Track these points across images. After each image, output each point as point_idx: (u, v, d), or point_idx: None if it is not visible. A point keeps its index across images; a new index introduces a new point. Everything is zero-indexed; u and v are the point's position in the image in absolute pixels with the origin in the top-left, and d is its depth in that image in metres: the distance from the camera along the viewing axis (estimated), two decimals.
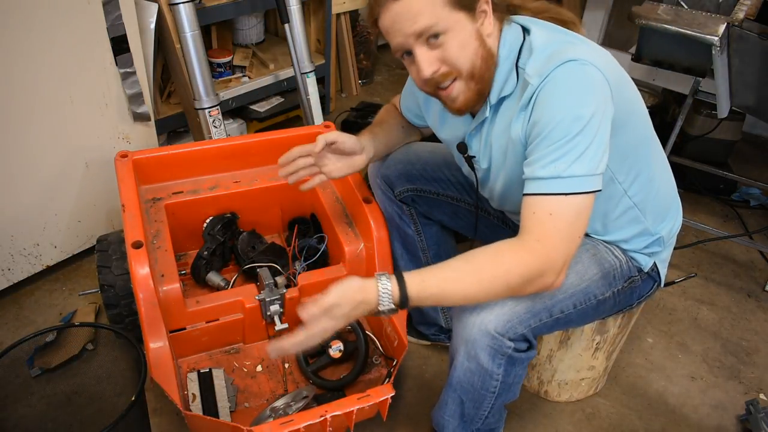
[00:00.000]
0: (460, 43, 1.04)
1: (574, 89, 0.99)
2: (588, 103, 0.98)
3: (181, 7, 1.84)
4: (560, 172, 0.98)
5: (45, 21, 1.49)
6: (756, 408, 1.52)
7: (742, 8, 1.78)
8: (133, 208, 1.42)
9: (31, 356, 1.30)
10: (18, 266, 1.71)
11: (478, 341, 1.09)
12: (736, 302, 1.97)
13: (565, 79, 1.00)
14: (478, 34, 1.05)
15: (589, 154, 0.98)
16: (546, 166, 0.99)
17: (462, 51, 1.04)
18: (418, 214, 1.49)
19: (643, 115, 1.15)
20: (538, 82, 1.01)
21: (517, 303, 1.09)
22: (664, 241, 1.26)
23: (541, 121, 1.00)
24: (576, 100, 0.98)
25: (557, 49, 1.02)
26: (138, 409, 1.19)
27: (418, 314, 1.63)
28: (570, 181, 0.98)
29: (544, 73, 1.01)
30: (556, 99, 1.00)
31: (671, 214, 1.28)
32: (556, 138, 0.98)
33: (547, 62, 1.01)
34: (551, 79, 1.00)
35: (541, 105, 1.01)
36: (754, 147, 2.80)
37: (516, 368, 1.14)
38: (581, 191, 0.98)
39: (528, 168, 1.02)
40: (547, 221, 0.99)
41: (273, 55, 2.48)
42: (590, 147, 0.98)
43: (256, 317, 1.49)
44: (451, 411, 1.24)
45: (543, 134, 1.00)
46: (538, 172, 1.00)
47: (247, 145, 1.70)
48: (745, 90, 1.82)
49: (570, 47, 1.02)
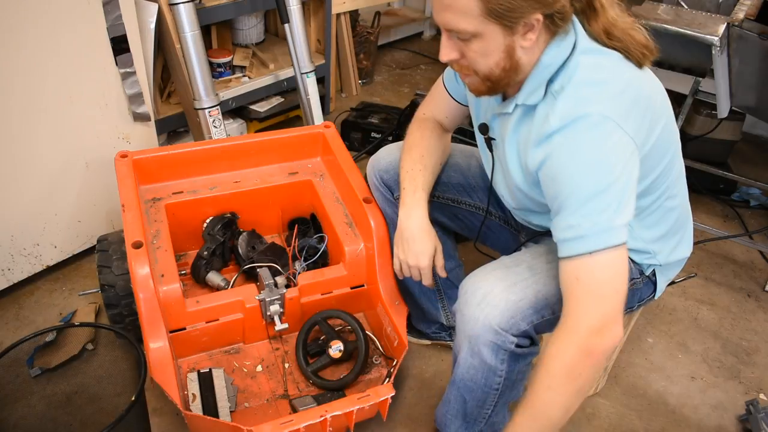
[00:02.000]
0: (484, 50, 1.02)
1: (591, 157, 0.98)
2: (605, 171, 0.97)
3: (181, 7, 1.84)
4: (581, 232, 0.98)
5: (45, 21, 1.49)
6: (756, 408, 1.52)
7: (742, 8, 1.78)
8: (133, 208, 1.43)
9: (31, 356, 1.30)
10: (18, 266, 1.71)
11: (481, 337, 1.09)
12: (736, 302, 1.97)
13: (584, 143, 0.98)
14: (509, 48, 1.02)
15: (613, 208, 0.97)
16: (566, 229, 1.00)
17: (483, 58, 1.03)
18: None
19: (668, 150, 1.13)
20: (558, 125, 1.00)
21: (521, 299, 1.09)
22: (663, 265, 1.26)
23: (560, 177, 1.00)
24: (595, 168, 0.97)
25: (586, 94, 1.00)
26: (138, 409, 1.19)
27: (419, 312, 1.63)
28: (590, 240, 0.97)
29: (565, 118, 0.99)
30: (574, 165, 0.99)
31: (674, 239, 1.27)
32: (575, 203, 0.98)
33: (573, 107, 0.99)
34: (570, 134, 0.99)
35: (559, 162, 1.00)
36: (754, 147, 2.80)
37: (519, 364, 1.14)
38: (603, 247, 0.97)
39: (553, 231, 1.03)
40: (575, 287, 1.00)
41: (273, 55, 2.48)
42: (614, 203, 0.97)
43: (256, 317, 1.49)
44: (454, 410, 1.24)
45: (561, 198, 1.00)
46: (558, 235, 1.01)
47: (247, 145, 1.70)
48: (745, 90, 1.82)
49: (600, 90, 1.00)
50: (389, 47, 3.46)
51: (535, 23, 0.99)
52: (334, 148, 1.69)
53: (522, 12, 0.96)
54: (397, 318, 1.46)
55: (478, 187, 1.44)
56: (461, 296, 1.14)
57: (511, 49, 1.02)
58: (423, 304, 1.60)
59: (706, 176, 2.33)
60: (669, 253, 1.26)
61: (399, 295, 1.51)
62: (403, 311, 1.49)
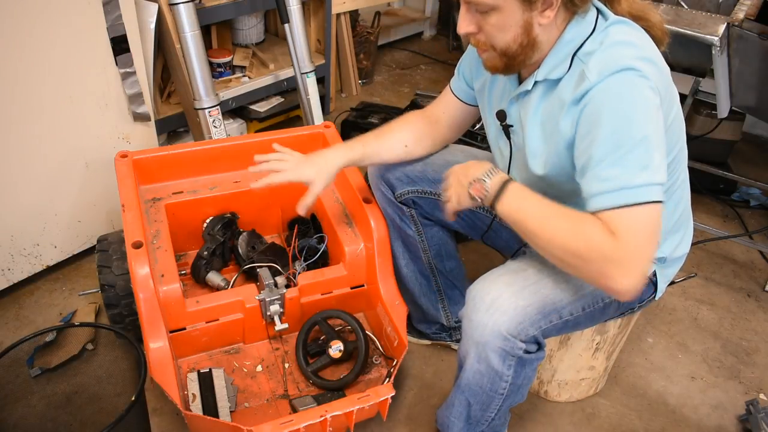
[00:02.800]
0: (502, 25, 1.02)
1: (629, 108, 0.97)
2: (644, 121, 0.96)
3: (181, 7, 1.84)
4: (624, 183, 0.95)
5: (45, 21, 1.49)
6: (756, 408, 1.52)
7: (742, 8, 1.78)
8: (133, 208, 1.42)
9: (31, 356, 1.30)
10: (18, 266, 1.71)
11: (490, 343, 1.09)
12: (736, 302, 1.97)
13: (621, 94, 0.97)
14: (526, 23, 1.02)
15: (653, 164, 0.96)
16: (604, 180, 0.97)
17: (500, 32, 1.04)
18: (418, 215, 1.49)
19: (679, 138, 1.14)
20: (596, 79, 0.99)
21: (529, 304, 1.09)
22: (666, 258, 1.26)
23: (596, 129, 0.98)
24: (632, 117, 0.96)
25: (622, 51, 1.00)
26: (138, 409, 1.19)
27: (419, 312, 1.63)
28: (637, 191, 0.95)
29: (603, 72, 0.99)
30: (612, 115, 0.97)
31: (677, 235, 1.27)
32: (613, 149, 0.96)
33: (610, 62, 0.99)
34: (607, 86, 0.98)
35: (595, 115, 0.99)
36: (754, 147, 2.80)
37: (525, 370, 1.14)
38: (649, 200, 0.95)
39: (587, 185, 1.00)
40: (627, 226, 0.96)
41: (273, 55, 2.48)
42: (652, 159, 0.96)
43: (256, 317, 1.49)
44: (457, 413, 1.24)
45: (595, 149, 0.98)
46: (593, 188, 0.98)
47: (247, 145, 1.70)
48: (745, 90, 1.83)
49: (631, 50, 1.00)
50: (389, 47, 3.46)
51: (554, 1, 1.00)
52: None
53: None
54: (397, 318, 1.46)
55: None
56: (469, 302, 1.13)
57: (529, 25, 1.03)
58: (423, 304, 1.60)
59: (706, 176, 2.33)
60: (673, 249, 1.26)
61: (399, 295, 1.51)
62: (403, 311, 1.49)
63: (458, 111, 1.39)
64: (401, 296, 1.52)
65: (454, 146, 1.48)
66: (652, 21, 1.09)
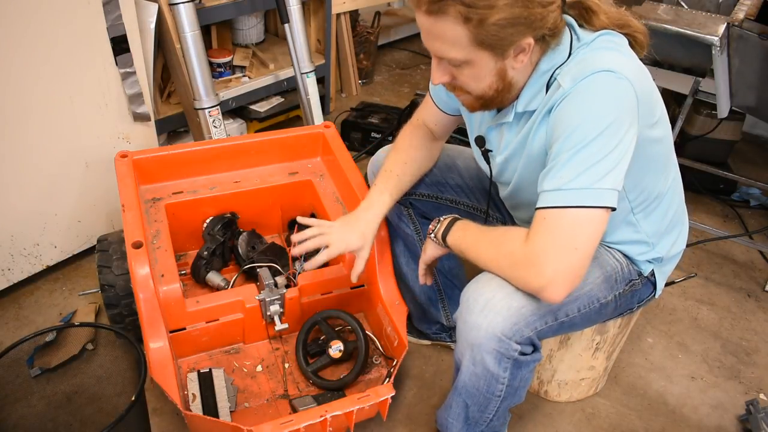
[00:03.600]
0: (476, 75, 1.03)
1: (597, 98, 0.97)
2: (609, 113, 0.96)
3: (181, 7, 1.84)
4: (561, 184, 0.96)
5: (45, 21, 1.49)
6: (756, 408, 1.52)
7: (742, 8, 1.78)
8: (133, 208, 1.43)
9: (31, 356, 1.30)
10: (18, 266, 1.71)
11: (485, 345, 1.08)
12: (736, 302, 1.97)
13: (592, 89, 0.97)
14: (500, 71, 1.02)
15: (600, 166, 0.95)
16: (552, 178, 0.98)
17: (475, 82, 1.04)
18: (416, 214, 1.49)
19: (665, 136, 1.14)
20: (569, 86, 0.99)
21: (523, 305, 1.08)
22: (663, 258, 1.26)
23: (559, 128, 0.99)
24: (597, 109, 0.96)
25: (593, 56, 1.00)
26: (138, 409, 1.19)
27: (420, 312, 1.63)
28: (568, 194, 0.96)
29: (577, 78, 0.99)
30: (576, 106, 0.98)
31: (673, 234, 1.27)
32: (567, 147, 0.97)
33: (585, 69, 0.99)
34: (578, 88, 0.98)
35: (562, 111, 1.00)
36: (754, 147, 2.80)
37: (522, 371, 1.13)
38: (580, 205, 0.96)
39: (541, 179, 1.02)
40: (542, 226, 0.99)
41: (273, 55, 2.48)
42: (604, 159, 0.95)
43: (256, 317, 1.49)
44: (455, 414, 1.24)
45: (558, 142, 0.99)
46: (544, 185, 0.99)
47: (247, 145, 1.70)
48: (745, 90, 1.82)
49: (607, 54, 1.00)
50: (389, 47, 3.46)
51: (527, 47, 0.99)
52: (334, 148, 1.69)
53: (512, 39, 0.97)
54: (397, 318, 1.46)
55: (477, 189, 1.45)
56: (463, 303, 1.13)
57: (503, 72, 1.03)
58: (423, 304, 1.60)
59: (706, 176, 2.33)
60: (669, 247, 1.27)
61: (399, 295, 1.51)
62: (403, 311, 1.49)
63: (446, 121, 1.40)
64: (401, 296, 1.52)
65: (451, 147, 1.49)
66: (633, 26, 1.09)
